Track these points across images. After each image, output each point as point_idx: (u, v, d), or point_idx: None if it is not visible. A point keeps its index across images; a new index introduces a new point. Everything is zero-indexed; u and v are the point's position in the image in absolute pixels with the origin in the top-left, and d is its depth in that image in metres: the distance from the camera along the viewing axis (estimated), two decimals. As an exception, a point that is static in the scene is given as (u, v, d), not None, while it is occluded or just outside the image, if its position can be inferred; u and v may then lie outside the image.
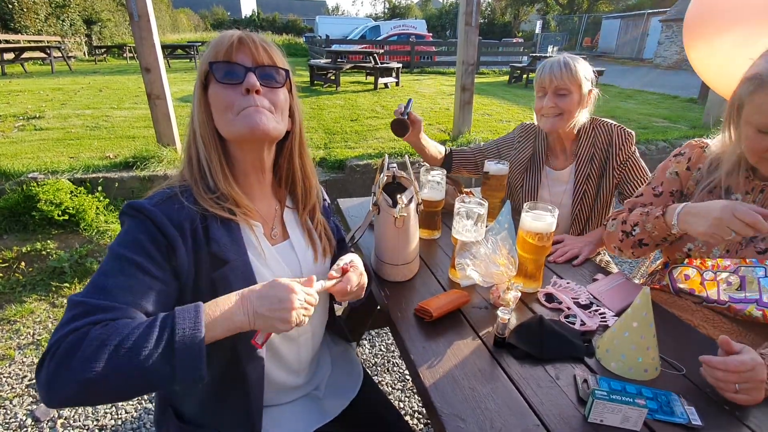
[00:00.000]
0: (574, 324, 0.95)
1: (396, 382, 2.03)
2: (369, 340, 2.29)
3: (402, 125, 1.41)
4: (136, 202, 0.76)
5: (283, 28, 33.30)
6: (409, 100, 1.50)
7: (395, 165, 1.14)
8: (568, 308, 1.01)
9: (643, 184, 1.43)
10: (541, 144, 1.63)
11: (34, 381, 2.03)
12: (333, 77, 8.53)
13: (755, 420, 0.72)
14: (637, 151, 1.52)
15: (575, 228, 1.59)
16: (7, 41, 10.22)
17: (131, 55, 13.90)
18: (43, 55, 10.45)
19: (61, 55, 10.98)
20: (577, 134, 1.55)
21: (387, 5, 43.08)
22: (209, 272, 0.77)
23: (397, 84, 8.91)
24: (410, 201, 1.02)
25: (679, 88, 10.20)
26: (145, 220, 0.74)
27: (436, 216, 1.34)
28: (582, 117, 1.50)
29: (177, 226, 0.75)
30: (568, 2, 32.82)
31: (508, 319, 0.85)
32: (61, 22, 14.38)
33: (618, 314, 0.99)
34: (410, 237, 1.05)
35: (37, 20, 13.18)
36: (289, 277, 0.77)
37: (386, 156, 1.10)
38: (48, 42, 11.29)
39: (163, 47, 12.13)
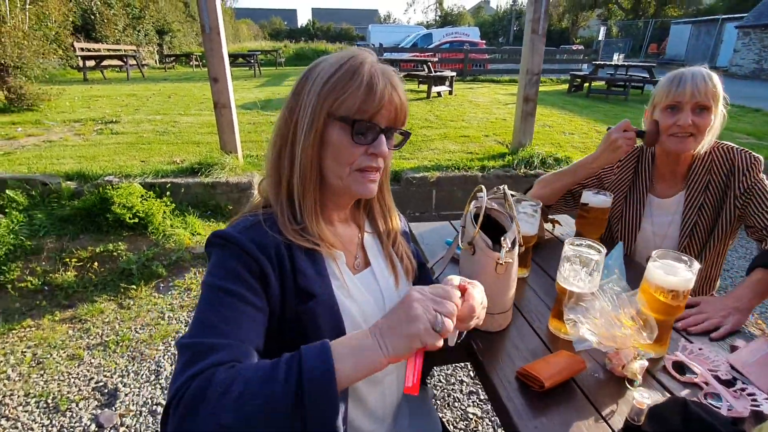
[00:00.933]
0: (719, 408, 0.78)
1: (458, 420, 1.88)
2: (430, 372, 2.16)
3: (656, 132, 1.28)
4: (223, 231, 0.72)
5: (336, 36, 34.16)
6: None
7: (483, 195, 1.00)
8: (706, 383, 0.83)
9: None
10: (647, 167, 1.43)
11: (101, 384, 2.13)
12: (386, 85, 8.52)
13: None
14: (765, 178, 1.29)
15: None
16: (89, 50, 11.17)
17: (197, 63, 14.77)
18: (120, 62, 11.35)
19: (135, 62, 11.86)
20: (692, 158, 1.34)
21: (439, 13, 42.98)
22: (295, 305, 0.73)
23: (451, 93, 8.74)
24: (514, 243, 0.88)
25: (761, 99, 9.22)
26: (235, 248, 0.70)
27: (528, 252, 1.19)
28: (708, 140, 1.29)
29: (266, 254, 0.71)
30: (632, 7, 31.03)
31: (648, 403, 0.70)
32: (137, 32, 15.61)
33: (775, 398, 0.79)
34: (511, 283, 0.92)
35: (116, 30, 14.38)
36: (372, 307, 0.76)
37: (482, 187, 0.97)
38: (125, 51, 12.24)
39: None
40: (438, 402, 1.97)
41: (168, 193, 3.37)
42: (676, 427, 0.70)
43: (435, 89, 8.39)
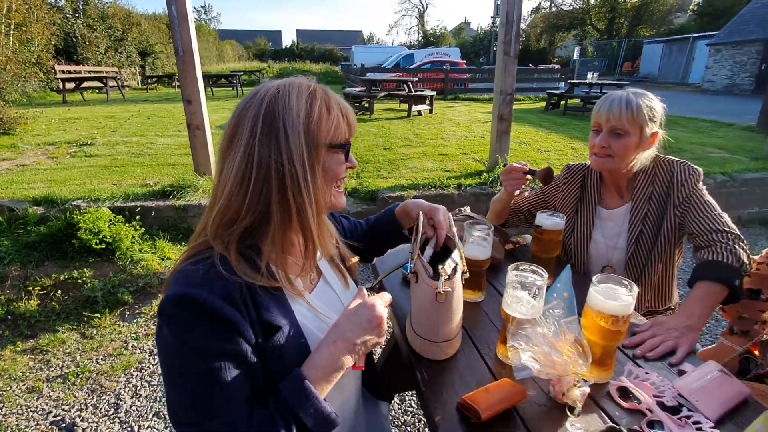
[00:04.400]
0: (660, 435, 0.76)
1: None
2: (399, 393, 2.11)
3: (550, 174, 1.43)
4: (175, 295, 0.64)
5: (321, 57, 34.64)
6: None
7: (421, 220, 1.00)
8: (650, 411, 0.82)
9: (712, 222, 1.24)
10: (595, 182, 1.49)
11: (59, 418, 2.03)
12: (367, 105, 8.62)
13: None
14: (704, 188, 1.34)
15: (631, 273, 1.41)
16: (69, 71, 11.08)
17: (179, 84, 14.78)
18: (100, 84, 11.26)
19: (116, 84, 11.78)
20: (636, 173, 1.39)
21: (421, 34, 44.07)
22: (263, 341, 0.71)
23: (431, 111, 8.88)
24: (454, 271, 0.87)
25: (733, 114, 9.58)
26: (203, 317, 0.64)
27: (481, 276, 1.19)
28: (642, 158, 1.35)
29: (234, 303, 0.67)
30: (606, 28, 32.31)
31: (581, 434, 0.68)
32: (118, 54, 15.57)
33: (717, 423, 0.78)
34: (453, 312, 0.90)
35: (98, 52, 14.31)
36: (334, 317, 0.79)
37: (420, 213, 0.97)
38: (106, 72, 12.18)
39: (208, 77, 12.83)
40: (409, 428, 1.92)
41: (138, 216, 3.30)
42: (612, 459, 0.69)
43: (415, 108, 8.52)
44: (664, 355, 0.99)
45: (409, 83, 8.94)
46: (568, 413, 0.80)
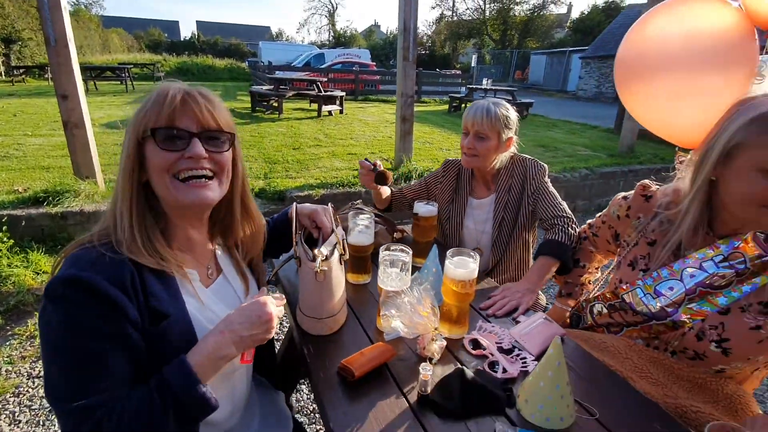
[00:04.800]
0: (497, 372, 0.96)
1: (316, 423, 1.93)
2: (307, 383, 2.19)
3: (385, 177, 1.60)
4: (66, 276, 0.67)
5: (225, 52, 32.74)
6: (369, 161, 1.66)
7: (293, 208, 1.11)
8: (492, 354, 1.02)
9: (554, 209, 1.56)
10: (467, 175, 1.74)
11: None
12: (276, 104, 8.45)
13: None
14: (549, 182, 1.65)
15: (496, 253, 1.68)
16: None
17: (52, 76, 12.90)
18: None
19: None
20: (498, 169, 1.66)
21: (332, 34, 44.02)
22: (149, 326, 0.74)
23: (341, 112, 9.00)
24: (332, 252, 0.99)
25: (600, 118, 11.25)
26: (88, 295, 0.67)
27: (366, 261, 1.32)
28: (502, 158, 1.62)
29: (121, 286, 0.71)
30: (500, 38, 35.55)
31: (430, 374, 0.84)
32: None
33: (538, 358, 1.01)
34: (334, 289, 1.02)
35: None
36: (228, 312, 0.82)
37: (294, 203, 1.08)
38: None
39: (89, 69, 11.39)
40: (317, 415, 2.01)
41: (4, 227, 2.89)
42: (455, 392, 0.86)
43: (326, 108, 8.57)
44: (509, 312, 1.22)
45: (319, 83, 8.96)
46: (428, 363, 0.97)
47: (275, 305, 0.84)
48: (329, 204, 1.10)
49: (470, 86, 11.51)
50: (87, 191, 3.31)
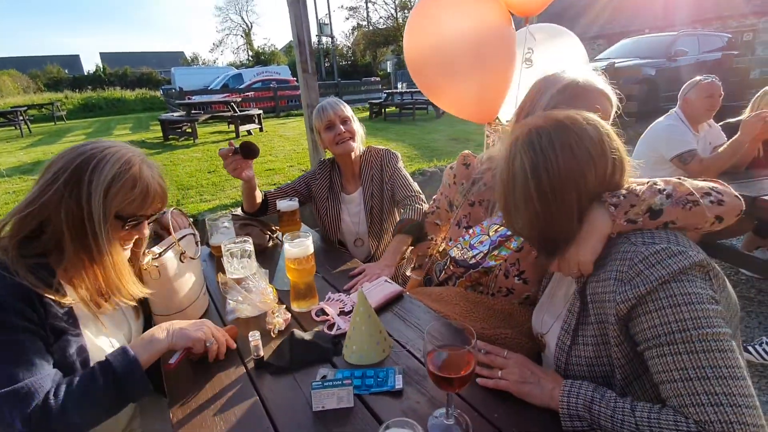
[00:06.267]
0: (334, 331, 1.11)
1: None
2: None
3: (251, 148, 1.48)
4: None
5: (137, 82, 30.97)
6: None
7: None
8: (332, 318, 1.16)
9: (406, 189, 1.76)
10: (337, 174, 1.89)
11: None
12: (189, 130, 8.21)
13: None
14: (403, 167, 1.86)
15: (373, 242, 1.84)
16: None
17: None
18: None
19: None
20: (360, 161, 1.83)
21: (250, 53, 43.28)
22: (53, 342, 0.84)
23: (261, 130, 8.96)
24: (166, 251, 1.08)
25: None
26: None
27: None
28: (360, 145, 1.81)
29: (29, 302, 0.81)
30: (416, 43, 36.95)
31: (258, 339, 0.96)
32: None
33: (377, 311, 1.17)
34: (177, 286, 1.11)
35: None
36: (122, 340, 0.98)
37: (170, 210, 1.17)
38: None
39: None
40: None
41: None
42: (286, 352, 0.99)
43: (243, 128, 8.49)
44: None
45: (233, 104, 8.85)
46: (272, 335, 1.09)
47: (212, 324, 1.01)
48: (172, 207, 1.19)
49: (387, 91, 11.93)
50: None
